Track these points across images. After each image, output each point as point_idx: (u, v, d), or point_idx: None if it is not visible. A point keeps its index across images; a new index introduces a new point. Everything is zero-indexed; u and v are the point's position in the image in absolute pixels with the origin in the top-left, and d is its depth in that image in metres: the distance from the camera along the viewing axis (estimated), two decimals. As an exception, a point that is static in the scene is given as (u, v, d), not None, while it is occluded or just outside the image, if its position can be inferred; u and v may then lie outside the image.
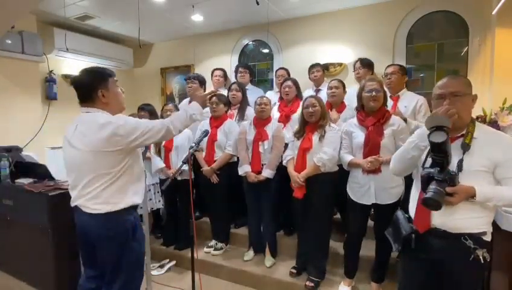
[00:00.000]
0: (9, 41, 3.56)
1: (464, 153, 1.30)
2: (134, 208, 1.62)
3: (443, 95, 1.34)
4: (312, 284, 2.35)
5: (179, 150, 2.93)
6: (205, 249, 2.98)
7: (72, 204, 1.58)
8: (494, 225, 1.65)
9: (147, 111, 3.41)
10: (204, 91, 3.58)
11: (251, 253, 2.84)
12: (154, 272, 2.81)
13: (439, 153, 1.23)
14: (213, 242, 3.02)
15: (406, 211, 1.53)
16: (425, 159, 1.37)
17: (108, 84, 1.57)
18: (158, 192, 3.12)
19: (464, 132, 1.34)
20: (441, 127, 1.20)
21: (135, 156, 1.61)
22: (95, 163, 1.48)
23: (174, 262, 2.98)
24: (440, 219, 1.31)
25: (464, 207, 1.27)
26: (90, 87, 1.54)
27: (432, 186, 1.22)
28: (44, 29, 4.05)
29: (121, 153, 1.51)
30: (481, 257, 1.28)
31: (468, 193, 1.24)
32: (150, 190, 3.04)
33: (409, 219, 1.46)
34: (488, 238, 1.33)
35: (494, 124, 2.21)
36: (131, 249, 1.58)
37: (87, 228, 1.54)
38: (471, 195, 1.24)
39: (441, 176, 1.24)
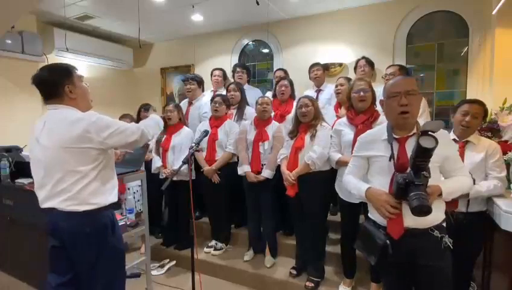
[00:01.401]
0: (9, 41, 3.56)
1: None
2: (111, 206, 1.59)
3: (398, 93, 1.36)
4: (312, 285, 2.36)
5: (175, 150, 2.95)
6: (205, 249, 2.99)
7: (43, 205, 1.50)
8: (494, 225, 1.65)
9: (150, 111, 3.46)
10: (203, 91, 3.60)
11: (251, 253, 2.84)
12: (154, 272, 2.81)
13: (425, 157, 1.21)
14: (213, 242, 3.02)
15: (368, 217, 1.53)
16: (395, 167, 1.36)
17: (74, 79, 1.54)
18: (136, 192, 3.12)
19: (414, 131, 1.38)
20: (426, 131, 1.20)
21: (108, 156, 1.56)
22: (65, 160, 1.43)
23: (174, 262, 2.98)
24: (413, 220, 1.30)
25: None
26: (56, 83, 1.50)
27: (416, 192, 1.21)
28: (44, 29, 4.06)
29: (93, 151, 1.46)
30: (449, 243, 1.34)
31: (438, 192, 1.30)
32: (128, 189, 3.06)
33: (375, 224, 1.44)
34: (444, 224, 1.40)
35: (494, 124, 2.20)
36: (111, 246, 1.55)
37: (64, 228, 1.47)
38: (439, 193, 1.31)
39: (419, 180, 1.23)
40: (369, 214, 1.53)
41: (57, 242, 1.53)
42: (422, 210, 1.20)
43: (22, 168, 2.66)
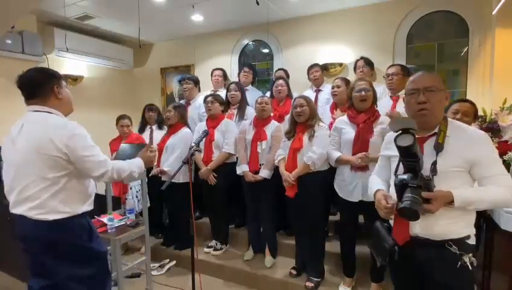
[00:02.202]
0: (9, 41, 3.56)
1: (437, 154, 1.20)
2: (86, 214, 1.54)
3: (416, 89, 1.26)
4: (312, 285, 2.36)
5: (168, 150, 2.98)
6: (205, 249, 2.99)
7: (12, 211, 1.45)
8: (494, 225, 1.65)
9: (155, 111, 3.51)
10: (199, 91, 3.61)
11: (251, 253, 2.84)
12: (154, 272, 2.81)
13: (408, 157, 1.14)
14: (213, 242, 3.02)
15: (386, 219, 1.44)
16: (398, 166, 1.29)
17: (61, 83, 1.53)
18: (138, 191, 3.12)
19: (436, 131, 1.26)
20: (406, 129, 1.12)
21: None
22: (36, 165, 1.38)
23: (174, 262, 2.98)
24: (420, 227, 1.22)
25: (443, 212, 1.17)
26: (44, 82, 1.48)
27: (407, 195, 1.12)
28: (44, 29, 4.05)
29: (62, 161, 1.40)
30: (468, 263, 1.19)
31: (445, 198, 1.14)
32: (131, 188, 3.07)
33: (389, 229, 1.36)
34: (472, 241, 1.25)
35: (494, 124, 2.20)
36: (88, 253, 1.50)
37: (33, 237, 1.42)
38: (449, 201, 1.15)
39: (415, 182, 1.14)
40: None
41: (29, 248, 1.48)
42: (406, 214, 1.11)
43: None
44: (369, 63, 3.19)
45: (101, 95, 4.86)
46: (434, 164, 1.19)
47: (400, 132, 1.14)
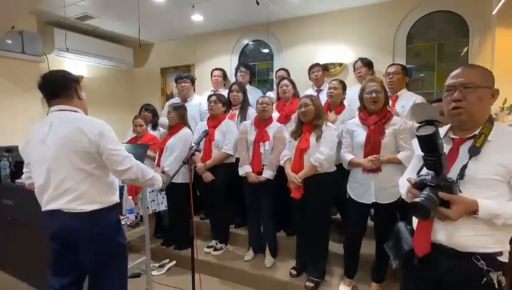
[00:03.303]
0: (9, 41, 3.56)
1: (470, 158, 1.10)
2: (116, 206, 1.63)
3: (453, 86, 1.14)
4: (312, 285, 2.36)
5: (167, 150, 2.98)
6: (205, 249, 2.99)
7: (46, 208, 1.50)
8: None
9: (151, 111, 3.50)
10: (194, 91, 3.61)
11: (251, 253, 2.85)
12: (154, 272, 2.81)
13: (428, 151, 1.07)
14: (213, 242, 3.02)
15: (410, 221, 1.33)
16: (421, 168, 1.21)
17: (80, 85, 1.64)
18: (160, 193, 3.12)
19: (476, 133, 1.14)
20: (430, 121, 1.05)
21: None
22: (71, 159, 1.45)
23: (174, 262, 2.98)
24: (444, 235, 1.12)
25: (466, 222, 1.08)
26: (69, 83, 1.57)
27: (424, 192, 1.07)
28: (44, 29, 4.06)
29: (95, 153, 1.49)
30: (495, 281, 1.07)
31: (468, 206, 1.05)
32: (152, 191, 3.04)
33: (412, 232, 1.27)
34: (504, 259, 1.11)
35: (494, 124, 2.21)
36: (117, 244, 1.60)
37: (71, 229, 1.49)
38: (473, 210, 1.05)
39: (434, 182, 1.07)
40: (412, 221, 1.32)
41: (62, 244, 1.54)
42: (417, 210, 1.06)
43: (22, 168, 2.66)
44: (367, 63, 3.16)
45: (101, 95, 4.86)
46: (464, 167, 1.10)
47: (424, 123, 1.07)
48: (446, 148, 1.15)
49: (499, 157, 1.08)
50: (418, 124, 1.09)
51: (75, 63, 4.45)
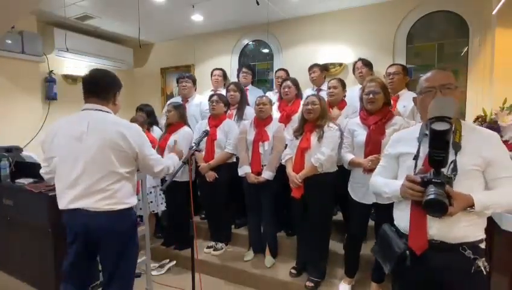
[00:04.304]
0: (9, 41, 3.56)
1: (456, 153, 1.16)
2: (133, 206, 1.69)
3: (432, 87, 1.22)
4: (312, 284, 2.36)
5: (169, 148, 2.94)
6: (205, 249, 2.99)
7: (70, 206, 1.49)
8: (494, 225, 1.65)
9: (145, 112, 3.32)
10: (195, 90, 3.60)
11: (251, 253, 2.84)
12: (154, 272, 2.81)
13: (438, 148, 1.07)
14: (213, 242, 3.02)
15: (390, 221, 1.36)
16: (416, 164, 1.23)
17: (120, 91, 1.68)
18: (160, 195, 3.12)
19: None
20: (442, 117, 1.06)
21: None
22: (110, 161, 1.49)
23: (174, 262, 2.98)
24: (438, 229, 1.16)
25: (461, 215, 1.14)
26: (111, 86, 1.61)
27: (431, 189, 1.07)
28: (44, 29, 4.06)
29: (133, 158, 1.57)
30: (482, 268, 1.15)
31: (466, 201, 1.11)
32: (150, 193, 3.04)
33: (398, 232, 1.29)
34: (483, 245, 1.20)
35: (494, 124, 2.20)
36: (134, 242, 1.67)
37: (97, 227, 1.51)
38: (469, 205, 1.11)
39: (439, 179, 1.08)
40: (394, 222, 1.36)
41: (84, 245, 1.56)
42: (434, 206, 1.05)
43: (22, 168, 2.66)
44: (367, 64, 3.15)
45: (101, 95, 4.86)
46: (454, 162, 1.15)
47: (434, 119, 1.07)
48: (424, 146, 1.20)
49: (476, 149, 1.17)
50: (429, 119, 1.10)
51: (75, 63, 4.45)
